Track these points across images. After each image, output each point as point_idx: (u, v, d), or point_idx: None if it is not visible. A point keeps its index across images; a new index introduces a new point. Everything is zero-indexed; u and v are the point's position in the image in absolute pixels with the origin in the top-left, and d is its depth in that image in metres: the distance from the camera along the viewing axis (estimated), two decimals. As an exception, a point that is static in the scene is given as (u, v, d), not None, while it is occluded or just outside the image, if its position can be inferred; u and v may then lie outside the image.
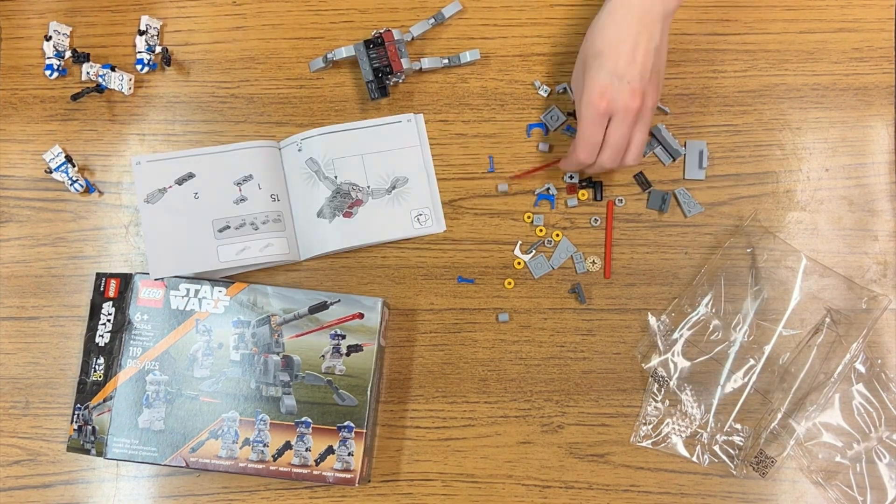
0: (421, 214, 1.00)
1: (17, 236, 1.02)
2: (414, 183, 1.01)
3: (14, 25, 1.05)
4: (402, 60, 0.99)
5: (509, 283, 1.00)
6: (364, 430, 0.93)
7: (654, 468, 0.97)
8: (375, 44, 1.00)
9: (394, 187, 1.00)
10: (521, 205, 1.01)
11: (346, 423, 0.93)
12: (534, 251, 1.00)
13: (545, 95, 1.02)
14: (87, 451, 0.95)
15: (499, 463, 0.98)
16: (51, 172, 1.00)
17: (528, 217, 1.00)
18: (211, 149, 1.01)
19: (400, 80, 1.02)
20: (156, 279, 0.96)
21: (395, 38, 1.00)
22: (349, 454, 0.93)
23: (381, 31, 1.01)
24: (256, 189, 0.99)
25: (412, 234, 1.00)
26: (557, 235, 1.00)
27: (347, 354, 0.94)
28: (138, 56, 1.02)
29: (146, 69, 1.03)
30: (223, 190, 0.99)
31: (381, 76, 1.00)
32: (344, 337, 0.95)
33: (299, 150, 1.00)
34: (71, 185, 1.00)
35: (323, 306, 0.95)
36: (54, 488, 0.98)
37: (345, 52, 1.00)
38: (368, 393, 0.94)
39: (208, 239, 0.98)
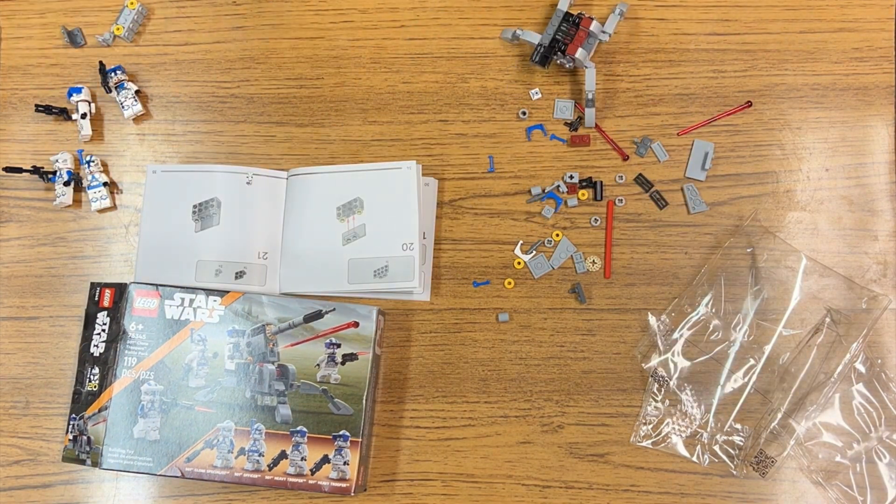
0: (405, 283, 0.97)
1: (17, 236, 1.02)
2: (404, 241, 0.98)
3: (14, 25, 1.05)
4: (579, 48, 0.98)
5: (509, 283, 1.00)
6: (360, 440, 0.93)
7: (654, 468, 0.97)
8: (572, 20, 0.99)
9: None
10: (522, 205, 1.01)
11: (341, 433, 0.93)
12: (534, 251, 1.00)
13: (540, 101, 1.02)
14: (83, 462, 0.95)
15: (499, 463, 0.98)
16: (45, 179, 1.00)
17: (539, 207, 1.00)
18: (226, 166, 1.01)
19: (567, 65, 1.00)
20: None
21: (591, 29, 0.99)
22: (345, 463, 0.92)
23: (583, 14, 1.00)
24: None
25: (392, 295, 1.00)
26: (557, 235, 1.00)
27: (343, 363, 0.94)
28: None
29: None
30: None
31: (553, 47, 0.99)
32: (339, 346, 0.94)
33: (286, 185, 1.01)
34: (58, 198, 1.00)
35: (318, 315, 0.95)
36: (54, 488, 0.98)
37: (534, 37, 0.99)
38: (364, 402, 0.93)
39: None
